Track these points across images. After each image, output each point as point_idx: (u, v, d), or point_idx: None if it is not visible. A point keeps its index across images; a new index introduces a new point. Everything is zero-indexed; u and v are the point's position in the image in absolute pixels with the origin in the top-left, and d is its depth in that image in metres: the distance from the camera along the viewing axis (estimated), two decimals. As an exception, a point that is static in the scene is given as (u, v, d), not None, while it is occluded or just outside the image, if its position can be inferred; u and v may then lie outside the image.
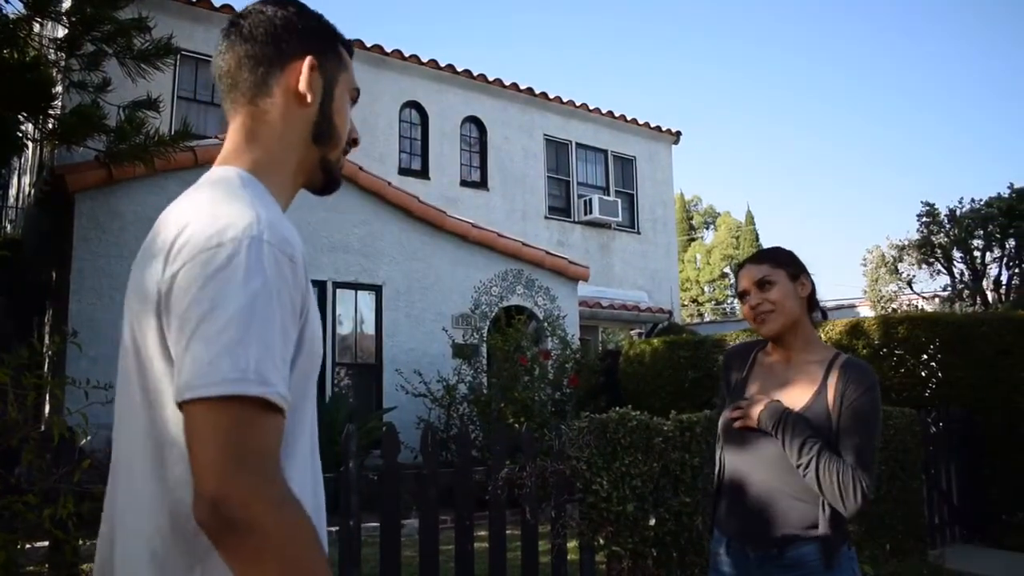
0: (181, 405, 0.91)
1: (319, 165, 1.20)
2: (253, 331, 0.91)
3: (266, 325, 0.92)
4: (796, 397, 1.99)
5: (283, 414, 0.93)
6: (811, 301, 2.09)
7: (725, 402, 2.18)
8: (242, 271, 0.93)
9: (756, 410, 1.98)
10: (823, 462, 1.86)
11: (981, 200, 14.32)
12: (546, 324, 9.76)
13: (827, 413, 1.93)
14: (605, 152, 14.73)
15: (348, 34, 1.28)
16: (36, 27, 7.02)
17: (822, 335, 7.34)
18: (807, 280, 2.08)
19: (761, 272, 2.06)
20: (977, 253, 14.55)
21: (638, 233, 14.92)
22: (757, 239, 35.36)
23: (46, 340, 8.46)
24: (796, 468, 1.89)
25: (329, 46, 1.20)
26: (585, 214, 13.94)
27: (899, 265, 15.65)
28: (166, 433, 0.98)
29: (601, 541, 3.89)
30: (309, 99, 1.15)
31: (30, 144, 8.53)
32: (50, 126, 6.92)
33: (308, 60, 1.15)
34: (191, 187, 1.13)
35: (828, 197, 66.76)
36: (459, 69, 12.67)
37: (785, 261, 2.09)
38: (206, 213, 1.00)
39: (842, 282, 73.08)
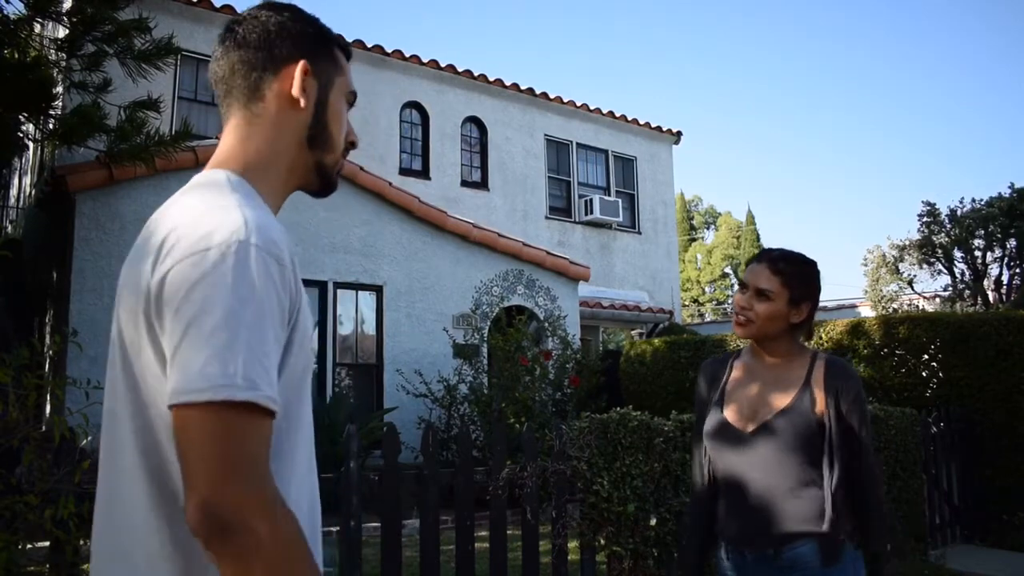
0: (171, 409, 0.91)
1: (314, 168, 1.20)
2: (241, 336, 0.91)
3: (254, 329, 0.92)
4: (781, 395, 2.00)
5: (272, 417, 0.93)
6: (802, 324, 2.08)
7: (704, 410, 2.17)
8: (230, 275, 0.93)
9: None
10: (880, 512, 1.98)
11: (982, 200, 14.33)
12: (547, 324, 9.77)
13: (813, 409, 1.95)
14: (606, 152, 14.73)
15: (348, 34, 1.29)
16: (37, 27, 7.03)
17: (823, 336, 7.34)
18: (807, 308, 2.05)
19: (768, 284, 2.03)
20: (978, 253, 14.56)
21: (639, 233, 14.92)
22: (758, 239, 35.35)
23: (47, 340, 8.47)
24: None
25: (324, 50, 1.20)
26: (586, 214, 13.94)
27: (900, 265, 15.65)
28: (155, 429, 0.98)
29: (602, 541, 3.89)
30: (302, 103, 1.16)
31: (31, 144, 8.54)
32: (51, 126, 6.93)
33: (301, 64, 1.15)
34: (181, 189, 1.12)
35: (829, 197, 66.79)
36: (460, 69, 12.67)
37: (796, 282, 2.04)
38: (194, 216, 0.99)
39: (843, 282, 73.03)
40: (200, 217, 0.99)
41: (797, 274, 2.05)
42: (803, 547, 1.91)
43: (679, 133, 15.79)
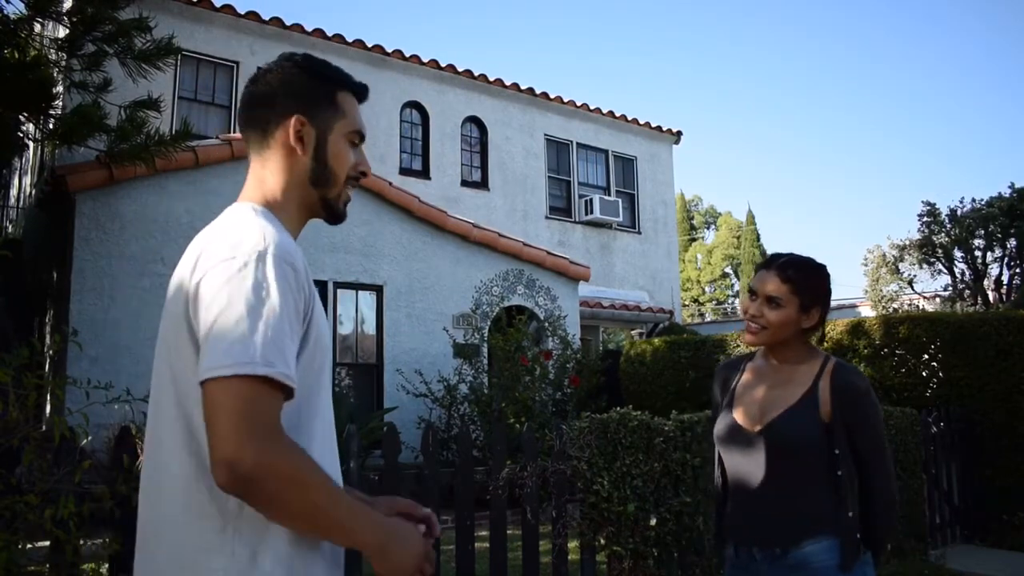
0: (201, 384, 1.09)
1: (320, 203, 1.39)
2: (259, 325, 1.10)
3: (271, 321, 1.11)
4: (785, 398, 2.01)
5: (287, 394, 1.11)
6: (813, 329, 2.08)
7: (718, 411, 2.19)
8: (251, 277, 1.13)
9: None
10: (890, 518, 1.99)
11: (982, 200, 14.33)
12: (547, 324, 9.76)
13: (818, 410, 1.95)
14: (606, 152, 14.73)
15: (348, 34, 1.35)
16: (37, 27, 7.04)
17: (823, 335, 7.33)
18: (817, 313, 2.05)
19: (778, 292, 2.02)
20: (978, 253, 14.56)
21: (639, 233, 14.92)
22: (758, 239, 35.33)
23: (47, 340, 8.47)
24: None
25: (324, 100, 1.39)
26: (586, 214, 13.94)
27: (900, 265, 15.65)
28: (194, 412, 1.15)
29: (602, 541, 3.89)
30: (299, 151, 1.35)
31: (31, 144, 8.54)
32: (51, 126, 6.93)
33: (294, 120, 1.34)
34: (216, 219, 1.34)
35: (829, 197, 66.79)
36: (460, 69, 12.66)
37: (806, 289, 2.03)
38: (224, 233, 1.22)
39: (843, 282, 72.92)
40: (229, 233, 1.21)
41: (807, 280, 2.04)
42: (809, 547, 1.91)
43: (679, 133, 15.78)
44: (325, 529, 1.13)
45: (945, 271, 15.08)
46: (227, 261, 1.15)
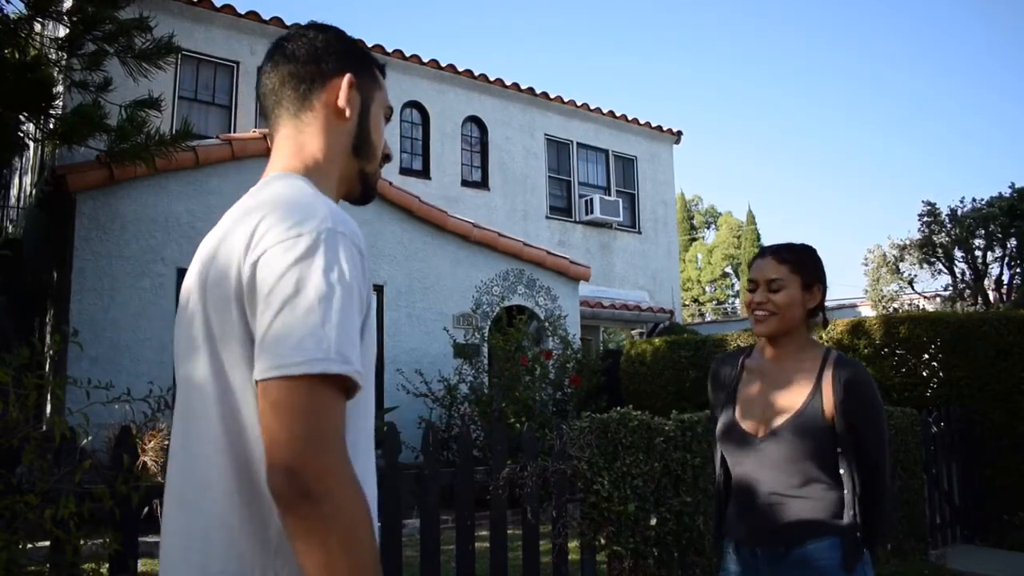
0: (260, 383, 0.96)
1: (358, 177, 1.29)
2: (332, 315, 0.97)
3: (343, 310, 0.99)
4: (791, 399, 2.00)
5: (352, 394, 1.00)
6: (816, 309, 2.08)
7: (716, 409, 2.18)
8: (321, 259, 1.00)
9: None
10: (884, 515, 1.95)
11: (982, 199, 14.32)
12: (547, 324, 9.76)
13: (822, 413, 1.94)
14: (606, 152, 14.73)
15: (350, 34, 1.31)
16: (37, 27, 7.03)
17: (823, 336, 7.33)
18: (819, 291, 2.06)
19: (778, 273, 2.04)
20: (978, 253, 14.55)
21: (639, 233, 14.92)
22: (759, 239, 35.33)
23: (47, 340, 8.47)
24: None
25: (365, 66, 1.29)
26: (586, 214, 13.94)
27: (900, 265, 15.65)
28: (241, 412, 1.04)
29: (602, 541, 3.89)
30: (348, 113, 1.24)
31: (31, 144, 8.54)
32: (51, 126, 6.93)
33: (347, 77, 1.24)
34: (254, 189, 1.20)
35: (829, 196, 66.77)
36: (460, 69, 12.66)
37: (805, 268, 2.05)
38: (283, 205, 1.06)
39: (843, 281, 73.04)
40: (289, 207, 1.06)
41: (803, 259, 2.07)
42: (811, 546, 1.91)
43: (679, 133, 15.78)
44: (352, 570, 0.93)
45: (945, 271, 15.08)
46: (290, 240, 1.00)
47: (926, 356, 6.73)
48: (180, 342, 1.16)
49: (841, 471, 1.93)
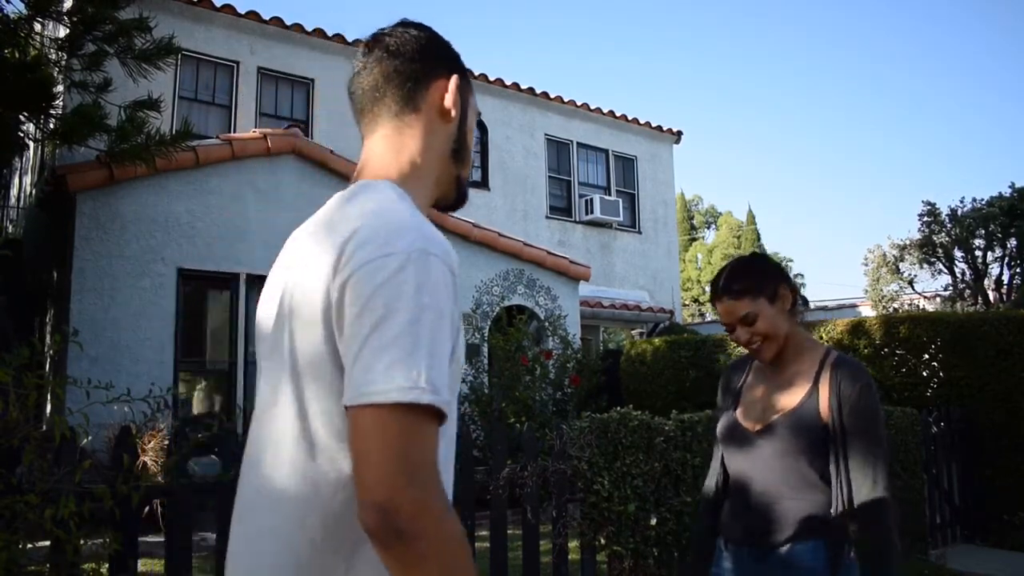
0: (349, 409, 0.93)
1: (454, 182, 1.24)
2: (423, 342, 0.93)
3: (434, 336, 0.94)
4: (789, 398, 1.99)
5: (443, 423, 0.95)
6: (795, 304, 2.06)
7: (720, 412, 2.18)
8: (412, 282, 0.95)
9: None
10: (887, 544, 1.88)
11: (982, 199, 14.32)
12: (547, 324, 9.76)
13: (818, 412, 1.93)
14: (606, 152, 14.72)
15: (349, 34, 1.31)
16: (37, 27, 7.03)
17: (823, 335, 7.33)
18: (786, 290, 2.03)
19: (742, 308, 2.01)
20: (978, 252, 14.55)
21: (639, 233, 14.91)
22: (759, 239, 35.34)
23: (47, 340, 8.47)
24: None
25: (463, 69, 1.25)
26: (586, 214, 13.93)
27: (900, 264, 15.66)
28: (319, 435, 1.01)
29: (602, 541, 3.89)
30: (453, 115, 1.20)
31: (31, 144, 8.54)
32: (51, 126, 6.93)
33: (455, 78, 1.21)
34: (341, 197, 1.14)
35: (829, 196, 66.78)
36: (460, 69, 12.66)
37: (759, 285, 2.01)
38: (372, 223, 1.01)
39: (843, 281, 73.02)
40: (379, 224, 1.01)
41: (755, 281, 2.03)
42: (800, 547, 1.90)
43: (679, 133, 15.78)
44: None
45: (945, 271, 15.08)
46: (381, 259, 0.96)
47: (926, 356, 6.73)
48: (268, 358, 1.12)
49: (832, 472, 1.90)
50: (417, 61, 1.19)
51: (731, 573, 2.03)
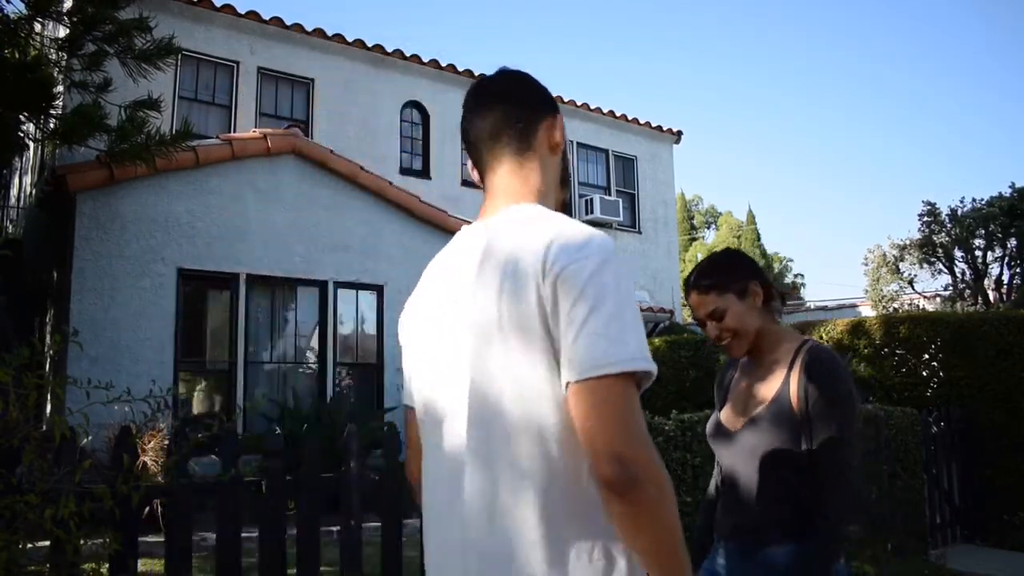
0: (580, 382, 1.08)
1: (562, 206, 1.40)
2: (630, 322, 1.12)
3: (636, 318, 1.13)
4: (768, 389, 1.99)
5: (646, 386, 1.16)
6: (768, 300, 2.06)
7: (716, 408, 2.19)
8: (611, 276, 1.13)
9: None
10: (833, 523, 1.83)
11: (982, 199, 14.33)
12: (547, 324, 9.74)
13: (790, 403, 1.90)
14: (606, 152, 14.72)
15: (349, 34, 1.34)
16: (37, 27, 7.03)
17: (823, 335, 7.33)
18: (758, 287, 2.03)
19: (710, 304, 2.01)
20: (979, 252, 14.56)
21: (639, 233, 14.91)
22: (759, 239, 35.33)
23: (47, 340, 8.47)
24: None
25: (557, 106, 1.45)
26: (586, 214, 13.93)
27: (900, 264, 15.66)
28: (547, 416, 1.14)
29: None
30: (559, 150, 1.40)
31: (31, 144, 8.54)
32: (51, 126, 6.93)
33: (559, 116, 1.42)
34: (514, 219, 1.27)
35: (829, 196, 66.79)
36: (460, 69, 12.65)
37: (727, 281, 2.02)
38: (563, 231, 1.19)
39: (843, 282, 73.03)
40: (569, 232, 1.19)
41: (723, 277, 2.03)
42: (774, 550, 1.88)
43: (679, 133, 15.78)
44: (668, 556, 1.07)
45: (945, 271, 15.09)
46: (583, 259, 1.14)
47: (926, 356, 6.73)
48: (471, 356, 1.21)
49: (803, 469, 1.87)
50: (527, 105, 1.39)
51: (723, 568, 2.04)
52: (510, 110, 1.37)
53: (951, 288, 15.14)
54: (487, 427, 1.19)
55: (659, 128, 15.43)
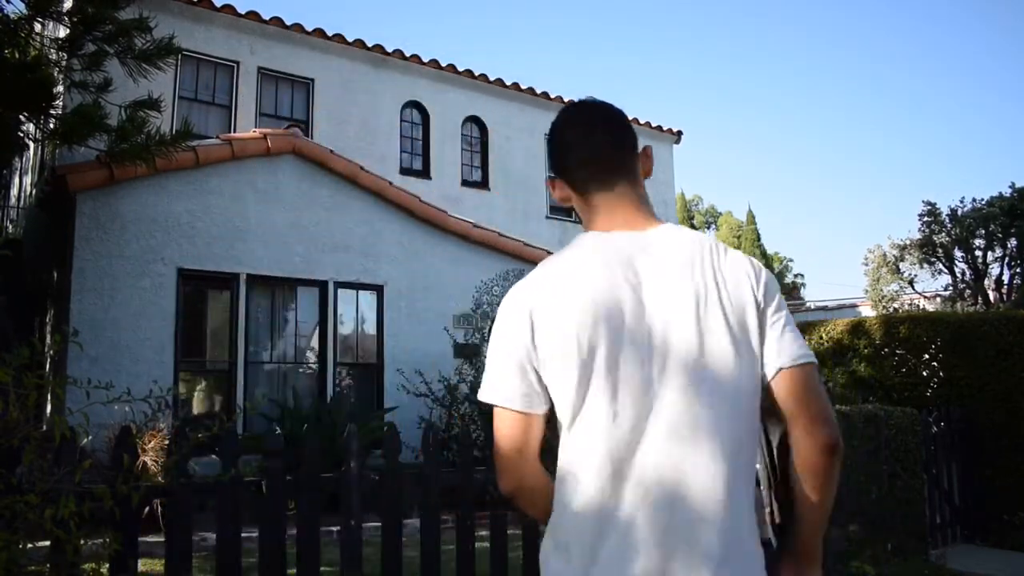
0: (792, 368, 1.35)
1: None
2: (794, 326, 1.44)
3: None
4: None
5: None
6: None
7: None
8: (779, 289, 1.45)
9: None
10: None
11: (983, 199, 14.35)
12: (547, 324, 9.74)
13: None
14: (606, 152, 14.71)
15: (349, 34, 1.33)
16: (37, 27, 7.04)
17: (823, 335, 7.33)
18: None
19: None
20: (979, 252, 14.57)
21: (639, 233, 14.90)
22: (759, 239, 35.32)
23: (47, 340, 8.47)
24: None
25: None
26: (586, 214, 13.93)
27: (901, 264, 15.67)
28: (756, 400, 1.37)
29: (602, 541, 3.88)
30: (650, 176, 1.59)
31: (31, 144, 8.55)
32: (51, 126, 6.93)
33: (650, 146, 1.60)
34: (669, 234, 1.55)
35: (830, 196, 66.76)
36: (460, 69, 12.66)
37: None
38: (736, 251, 1.49)
39: (843, 281, 73.05)
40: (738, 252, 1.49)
41: None
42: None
43: (679, 132, 15.79)
44: (830, 509, 1.38)
45: (945, 271, 15.10)
46: (767, 275, 1.44)
47: (926, 356, 6.73)
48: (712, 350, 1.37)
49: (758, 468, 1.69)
50: (631, 132, 1.54)
51: None
52: (626, 137, 1.53)
53: (951, 288, 15.15)
54: (718, 408, 1.34)
55: (659, 128, 15.44)
